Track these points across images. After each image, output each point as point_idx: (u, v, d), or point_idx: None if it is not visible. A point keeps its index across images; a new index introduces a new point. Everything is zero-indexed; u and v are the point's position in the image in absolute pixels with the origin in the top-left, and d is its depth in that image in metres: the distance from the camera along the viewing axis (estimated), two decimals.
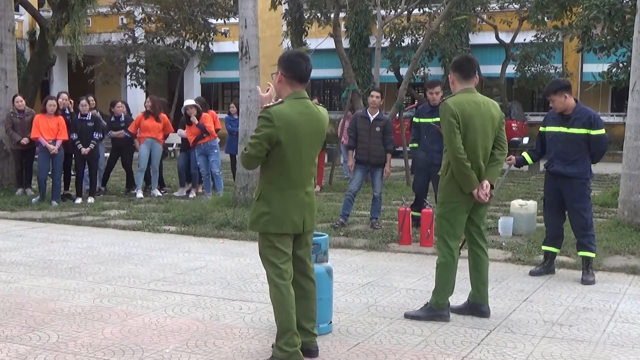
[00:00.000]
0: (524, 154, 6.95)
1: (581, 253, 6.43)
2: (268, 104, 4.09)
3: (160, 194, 12.04)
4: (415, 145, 8.95)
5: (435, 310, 5.10)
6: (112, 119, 12.24)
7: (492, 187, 5.07)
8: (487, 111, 5.04)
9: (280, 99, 4.16)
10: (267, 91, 4.24)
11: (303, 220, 4.16)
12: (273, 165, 4.07)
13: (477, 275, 5.22)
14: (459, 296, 5.85)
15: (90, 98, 12.86)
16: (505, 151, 5.21)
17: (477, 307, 5.21)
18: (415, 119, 8.99)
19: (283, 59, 4.17)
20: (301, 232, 4.17)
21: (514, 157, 6.79)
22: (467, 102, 5.00)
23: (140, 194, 11.80)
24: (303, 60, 4.14)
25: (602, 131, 6.30)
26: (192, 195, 11.90)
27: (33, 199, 11.10)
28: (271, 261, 4.12)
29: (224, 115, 13.78)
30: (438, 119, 8.67)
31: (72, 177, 11.82)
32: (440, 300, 5.08)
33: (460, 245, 7.07)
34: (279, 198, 4.08)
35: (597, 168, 7.38)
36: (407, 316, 5.17)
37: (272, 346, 4.30)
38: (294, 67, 4.11)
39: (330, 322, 4.85)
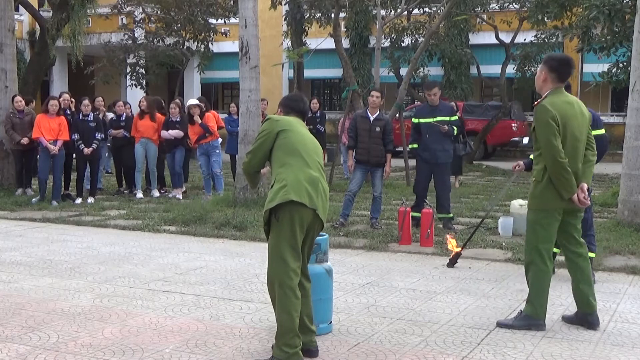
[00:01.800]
0: (532, 156, 6.93)
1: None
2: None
3: (160, 194, 12.03)
4: (415, 146, 8.96)
5: (532, 320, 4.92)
6: (114, 117, 12.24)
7: (589, 190, 4.91)
8: (579, 111, 4.90)
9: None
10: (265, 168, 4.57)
11: (320, 201, 4.21)
12: (282, 150, 4.27)
13: (579, 283, 4.98)
14: (460, 297, 5.85)
15: (99, 99, 12.89)
16: (595, 151, 5.05)
17: (585, 317, 4.98)
18: (415, 120, 9.00)
19: (284, 102, 4.62)
20: (316, 208, 4.17)
21: (521, 163, 6.74)
22: (562, 103, 4.82)
23: (140, 194, 11.80)
24: (300, 100, 4.61)
25: (602, 131, 6.30)
26: (178, 195, 11.71)
27: (33, 199, 11.10)
28: (284, 258, 4.09)
29: (224, 115, 13.77)
30: (439, 119, 8.73)
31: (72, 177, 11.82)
32: (538, 309, 4.91)
33: (462, 247, 7.09)
34: (292, 174, 4.19)
35: (597, 168, 7.36)
36: (500, 325, 4.98)
37: (272, 346, 4.30)
38: (293, 105, 4.56)
39: (330, 322, 4.85)
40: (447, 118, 8.78)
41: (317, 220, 4.23)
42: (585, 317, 4.99)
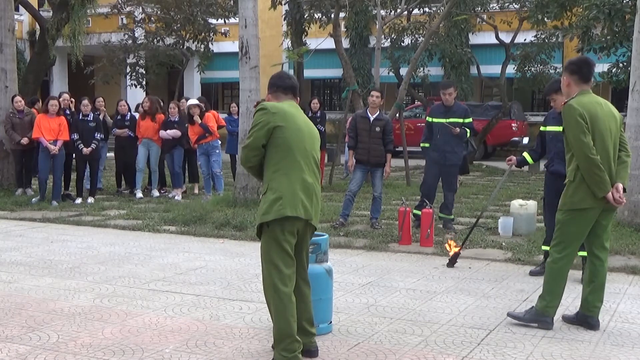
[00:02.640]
0: (525, 154, 6.96)
1: (581, 253, 6.40)
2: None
3: (159, 194, 12.02)
4: (427, 145, 8.90)
5: (541, 316, 4.92)
6: (118, 117, 12.23)
7: (624, 190, 4.87)
8: (609, 112, 4.89)
9: None
10: None
11: (313, 210, 4.18)
12: (276, 151, 4.14)
13: (591, 285, 4.97)
14: (460, 297, 5.85)
15: (100, 99, 12.88)
16: (629, 152, 5.03)
17: (586, 318, 5.01)
18: (428, 119, 8.97)
19: (272, 79, 4.45)
20: (311, 218, 4.16)
21: (514, 158, 6.81)
22: (590, 103, 4.81)
23: (139, 194, 11.81)
24: (286, 77, 4.45)
25: None
26: (177, 196, 11.69)
27: (33, 199, 11.10)
28: (276, 264, 4.07)
29: (224, 115, 13.77)
30: (452, 120, 8.70)
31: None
32: (549, 306, 4.91)
33: (459, 248, 7.09)
34: (287, 183, 4.11)
35: None
36: (510, 315, 5.03)
37: (272, 346, 4.30)
38: (281, 83, 4.39)
39: (330, 322, 4.85)
40: (461, 120, 8.68)
41: (309, 227, 4.24)
42: (586, 319, 4.99)
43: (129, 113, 12.22)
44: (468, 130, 8.77)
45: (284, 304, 4.06)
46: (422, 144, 9.10)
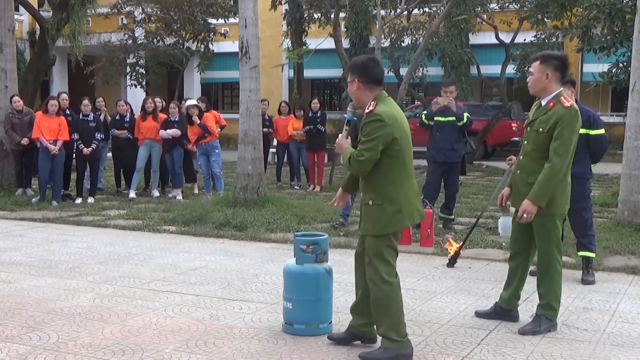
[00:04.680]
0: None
1: (581, 253, 6.44)
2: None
3: (159, 194, 12.01)
4: (427, 121, 8.77)
5: (552, 322, 4.92)
6: (117, 117, 12.21)
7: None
8: None
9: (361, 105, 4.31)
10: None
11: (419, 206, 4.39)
12: (392, 163, 4.19)
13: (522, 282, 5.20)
14: (460, 297, 5.85)
15: (100, 99, 12.87)
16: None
17: (507, 312, 5.14)
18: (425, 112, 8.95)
19: (357, 66, 4.29)
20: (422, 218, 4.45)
21: (514, 157, 6.79)
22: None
23: (132, 194, 11.75)
24: (376, 64, 4.30)
25: (602, 131, 6.30)
26: (178, 196, 11.68)
27: (33, 199, 11.10)
28: (387, 260, 4.25)
29: (224, 115, 13.74)
30: (450, 118, 8.65)
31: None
32: (557, 311, 4.95)
33: (459, 246, 7.09)
34: (403, 193, 4.22)
35: (597, 168, 7.37)
36: (525, 333, 4.83)
37: (380, 335, 4.32)
38: (370, 72, 4.26)
39: (330, 322, 4.85)
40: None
41: None
42: (508, 313, 5.14)
43: (127, 114, 12.20)
44: (466, 115, 8.69)
45: (396, 292, 4.26)
46: (423, 114, 8.93)
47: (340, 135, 4.44)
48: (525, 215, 4.73)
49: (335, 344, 4.54)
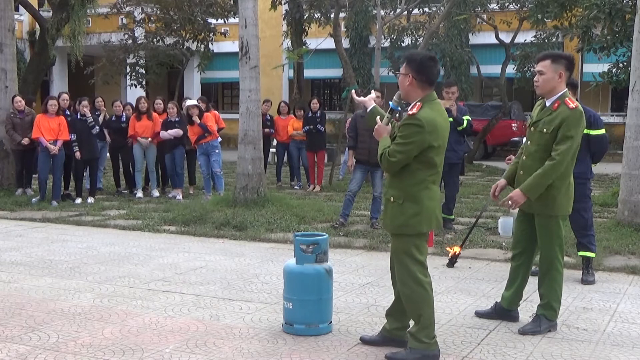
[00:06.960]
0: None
1: (581, 253, 6.43)
2: (413, 112, 4.10)
3: (159, 194, 12.02)
4: None
5: (552, 322, 4.91)
6: (113, 118, 12.22)
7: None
8: None
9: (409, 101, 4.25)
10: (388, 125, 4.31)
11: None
12: (422, 166, 4.12)
13: (523, 282, 5.17)
14: (460, 297, 5.85)
15: (99, 99, 12.86)
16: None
17: (507, 312, 5.13)
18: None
19: (416, 62, 4.15)
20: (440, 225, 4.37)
21: (513, 157, 6.79)
22: None
23: (140, 194, 11.82)
24: (434, 64, 4.18)
25: (602, 131, 6.30)
26: (178, 196, 11.68)
27: (33, 199, 11.10)
28: (417, 259, 4.20)
29: (224, 115, 13.74)
30: (451, 119, 8.66)
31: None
32: (557, 311, 4.95)
33: (459, 246, 7.09)
34: (428, 197, 4.15)
35: (597, 168, 7.38)
36: (525, 333, 4.83)
37: (409, 334, 4.29)
38: (427, 71, 4.15)
39: (330, 322, 4.84)
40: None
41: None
42: (509, 313, 5.12)
43: (124, 114, 12.21)
44: (466, 120, 8.71)
45: (428, 292, 4.20)
46: None
47: (379, 121, 4.33)
48: (510, 202, 4.80)
49: (334, 343, 4.54)
